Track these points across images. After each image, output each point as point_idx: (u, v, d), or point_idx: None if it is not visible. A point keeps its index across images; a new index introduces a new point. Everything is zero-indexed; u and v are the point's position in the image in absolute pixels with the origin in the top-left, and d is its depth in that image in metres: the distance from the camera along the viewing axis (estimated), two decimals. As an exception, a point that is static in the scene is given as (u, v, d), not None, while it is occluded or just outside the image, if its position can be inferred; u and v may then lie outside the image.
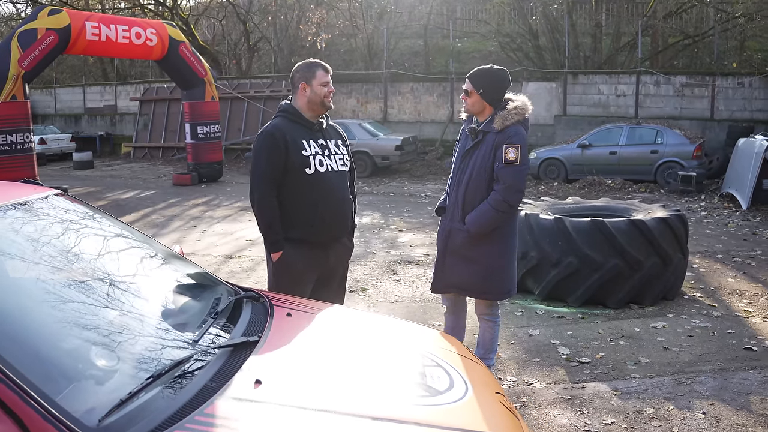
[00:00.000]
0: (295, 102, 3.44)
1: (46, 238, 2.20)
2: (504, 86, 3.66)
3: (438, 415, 1.91)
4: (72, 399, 1.60)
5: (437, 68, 20.86)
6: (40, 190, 2.57)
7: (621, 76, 16.31)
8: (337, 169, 3.42)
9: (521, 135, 3.57)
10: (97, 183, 16.06)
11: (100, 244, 2.40)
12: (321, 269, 3.50)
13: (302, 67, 3.44)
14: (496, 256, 3.69)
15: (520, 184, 3.56)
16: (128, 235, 2.64)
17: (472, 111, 3.72)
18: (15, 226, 2.16)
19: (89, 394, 1.66)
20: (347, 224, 3.55)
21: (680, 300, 5.78)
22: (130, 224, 10.37)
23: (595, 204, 6.77)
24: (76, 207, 2.60)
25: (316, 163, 3.33)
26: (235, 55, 25.06)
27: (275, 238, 3.36)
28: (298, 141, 3.32)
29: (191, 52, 15.09)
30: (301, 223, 3.36)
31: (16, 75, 11.09)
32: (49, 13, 11.81)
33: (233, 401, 1.75)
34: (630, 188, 12.85)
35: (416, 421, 1.81)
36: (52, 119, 25.03)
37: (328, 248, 3.48)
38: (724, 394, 3.89)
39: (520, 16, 19.21)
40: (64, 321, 1.87)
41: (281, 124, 3.36)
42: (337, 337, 2.37)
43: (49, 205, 2.44)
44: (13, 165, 11.34)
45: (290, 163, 3.29)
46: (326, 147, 3.42)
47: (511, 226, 3.74)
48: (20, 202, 2.31)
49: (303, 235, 3.37)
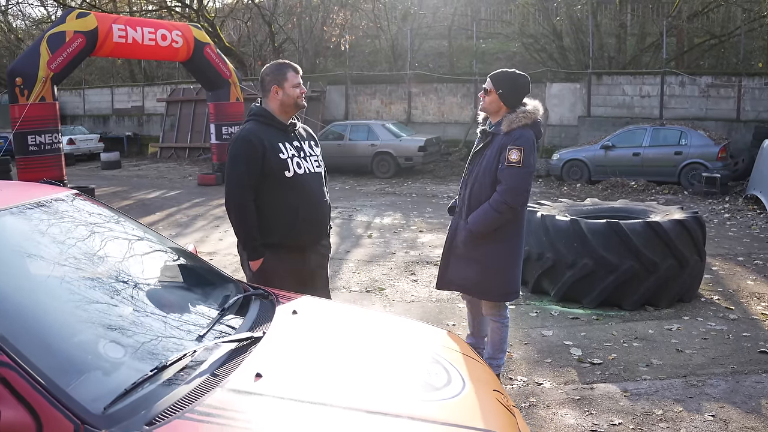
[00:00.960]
0: (267, 105, 3.40)
1: (60, 237, 2.30)
2: (523, 92, 3.71)
3: (433, 410, 1.96)
4: (80, 388, 1.69)
5: (461, 69, 20.85)
6: (57, 190, 2.68)
7: (645, 76, 16.16)
8: (313, 171, 3.41)
9: (526, 138, 3.60)
10: (123, 183, 16.35)
11: (113, 242, 2.49)
12: (301, 274, 3.45)
13: (272, 69, 3.40)
14: (497, 257, 3.73)
15: (520, 186, 3.59)
16: (142, 235, 2.74)
17: (488, 110, 3.77)
18: (31, 225, 2.27)
19: (96, 384, 1.75)
20: (326, 226, 3.55)
21: (697, 302, 5.74)
22: (155, 223, 10.62)
23: (613, 206, 6.75)
24: (92, 207, 2.70)
25: (294, 165, 3.30)
26: (261, 56, 25.28)
27: (255, 245, 3.32)
28: (275, 144, 3.28)
29: (216, 53, 15.30)
30: (281, 227, 3.32)
31: (45, 77, 11.37)
32: (77, 17, 12.08)
33: (233, 393, 1.82)
34: (653, 190, 12.74)
35: (410, 416, 1.87)
36: (80, 120, 25.52)
37: (307, 252, 3.44)
38: (734, 397, 3.88)
39: (543, 17, 19.12)
40: (75, 315, 1.96)
41: (255, 128, 3.31)
42: (338, 334, 2.44)
43: (67, 205, 2.54)
44: (42, 165, 11.62)
45: (268, 167, 3.25)
46: (301, 149, 3.40)
47: (514, 227, 3.77)
48: (37, 202, 2.41)
49: (282, 240, 3.33)
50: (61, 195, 2.59)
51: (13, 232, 2.20)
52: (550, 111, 17.41)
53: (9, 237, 2.18)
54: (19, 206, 2.28)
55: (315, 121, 19.66)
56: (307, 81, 21.51)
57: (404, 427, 1.82)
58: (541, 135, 3.78)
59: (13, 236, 2.18)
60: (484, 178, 3.69)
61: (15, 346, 1.68)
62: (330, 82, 21.39)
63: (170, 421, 1.66)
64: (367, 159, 16.22)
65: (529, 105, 3.69)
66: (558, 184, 14.23)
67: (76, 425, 1.59)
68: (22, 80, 11.27)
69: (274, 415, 1.77)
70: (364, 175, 16.23)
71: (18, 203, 2.30)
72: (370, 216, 10.91)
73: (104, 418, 1.64)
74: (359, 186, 14.99)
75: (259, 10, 23.49)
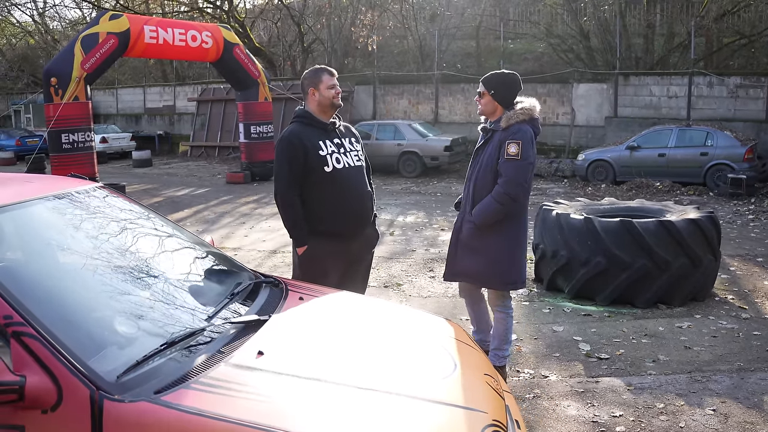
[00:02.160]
0: (307, 107, 3.70)
1: (83, 225, 2.50)
2: (514, 88, 3.85)
3: (421, 388, 2.10)
4: (96, 359, 1.88)
5: (490, 69, 20.84)
6: (83, 183, 2.88)
7: (673, 77, 16.04)
8: (353, 165, 3.67)
9: (524, 132, 3.74)
10: (154, 180, 16.75)
11: (133, 231, 2.69)
12: (345, 260, 3.73)
13: (309, 74, 3.71)
14: (500, 247, 3.86)
15: (520, 178, 3.72)
16: (161, 226, 2.93)
17: (485, 112, 3.92)
18: (56, 214, 2.47)
19: (111, 355, 1.93)
20: (368, 215, 3.78)
21: (710, 301, 5.78)
22: (183, 220, 10.91)
23: (630, 205, 6.80)
24: (115, 200, 2.90)
25: (333, 161, 3.57)
26: (290, 56, 25.62)
27: (299, 234, 3.63)
28: (315, 142, 3.57)
29: (245, 54, 15.60)
30: (324, 217, 3.60)
31: (78, 77, 11.75)
32: (110, 18, 12.46)
33: (235, 367, 1.99)
34: (678, 191, 12.67)
35: (398, 392, 2.02)
36: (113, 119, 26.13)
37: (352, 239, 3.71)
38: (737, 393, 3.94)
39: (571, 18, 19.07)
40: (94, 296, 2.17)
41: (297, 129, 3.62)
42: (340, 319, 2.60)
43: (90, 196, 2.74)
44: (75, 162, 12.01)
45: (309, 164, 3.53)
46: (341, 145, 3.67)
47: (517, 219, 3.89)
48: (64, 193, 2.62)
49: (327, 228, 3.61)
50: (86, 187, 2.79)
51: (40, 220, 2.41)
52: (577, 112, 17.38)
53: (37, 224, 2.38)
54: (47, 196, 2.48)
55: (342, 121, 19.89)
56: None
57: (391, 401, 1.97)
58: (540, 131, 3.91)
59: (40, 224, 2.39)
60: (486, 173, 3.84)
61: (41, 321, 1.88)
62: (358, 82, 21.60)
63: (176, 389, 1.84)
64: (394, 158, 16.36)
65: (525, 102, 3.84)
66: (583, 184, 14.21)
67: (92, 391, 1.78)
68: (57, 80, 11.68)
69: (272, 388, 1.93)
70: (391, 175, 16.38)
71: (46, 194, 2.50)
72: (393, 214, 11.06)
73: (117, 386, 1.82)
74: (385, 185, 15.15)
75: (288, 11, 23.78)
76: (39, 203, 2.44)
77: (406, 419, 1.90)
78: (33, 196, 2.46)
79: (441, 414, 1.99)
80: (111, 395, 1.78)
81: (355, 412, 1.88)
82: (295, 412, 1.82)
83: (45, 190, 2.57)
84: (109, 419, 1.75)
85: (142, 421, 1.74)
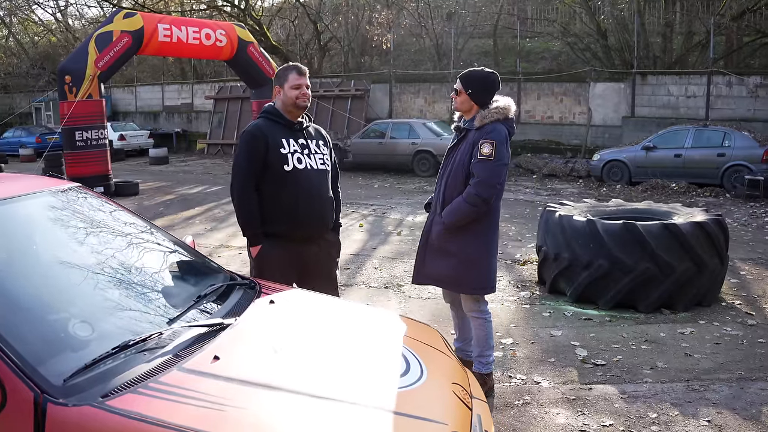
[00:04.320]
0: (276, 103, 3.63)
1: (50, 226, 2.48)
2: (492, 89, 3.75)
3: (381, 397, 2.03)
4: (44, 361, 1.84)
5: (506, 68, 20.74)
6: (60, 183, 2.86)
7: (692, 76, 15.79)
8: (316, 167, 3.56)
9: (498, 132, 3.64)
10: (169, 178, 16.85)
11: (103, 232, 2.66)
12: (299, 266, 3.58)
13: (279, 72, 3.64)
14: (471, 250, 3.75)
15: (493, 179, 3.62)
16: (138, 227, 2.89)
17: (461, 109, 3.85)
18: (20, 214, 2.44)
19: (60, 359, 1.90)
20: (326, 221, 3.66)
21: (716, 307, 5.64)
22: (192, 218, 10.94)
23: (637, 207, 6.68)
24: (91, 200, 2.87)
25: (294, 160, 3.48)
26: (307, 54, 25.66)
27: (253, 232, 3.54)
28: (278, 139, 3.49)
29: (260, 52, 15.64)
30: (278, 218, 3.49)
31: (92, 75, 11.85)
32: (124, 17, 12.56)
33: (187, 373, 1.94)
34: (694, 192, 12.46)
35: (352, 401, 1.96)
36: (132, 116, 26.37)
37: (307, 245, 3.58)
38: (735, 403, 3.82)
39: (588, 16, 18.85)
40: (49, 297, 2.14)
41: (262, 124, 3.55)
42: (308, 324, 2.54)
43: (63, 197, 2.72)
44: (88, 160, 12.12)
45: (269, 160, 3.45)
46: (306, 146, 3.58)
47: (488, 221, 3.78)
48: (32, 194, 2.59)
49: (280, 230, 3.51)
50: (60, 187, 2.77)
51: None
52: (594, 111, 17.17)
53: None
54: (10, 198, 2.45)
55: (358, 120, 19.87)
56: (351, 79, 21.75)
57: (342, 410, 1.91)
58: (515, 131, 3.81)
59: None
60: (458, 173, 3.75)
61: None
62: (374, 81, 21.57)
63: (123, 394, 1.79)
64: (408, 157, 16.31)
65: (500, 101, 3.73)
66: (598, 185, 14.05)
67: (36, 394, 1.74)
68: (71, 78, 11.79)
69: (222, 395, 1.88)
70: (405, 174, 16.32)
71: (11, 195, 2.47)
72: (403, 214, 11.00)
73: (63, 389, 1.78)
74: (398, 184, 15.10)
75: (305, 9, 23.80)
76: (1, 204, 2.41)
77: (352, 429, 1.84)
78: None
79: (395, 425, 1.92)
80: (55, 399, 1.74)
81: (301, 422, 1.83)
82: (239, 419, 1.78)
83: (13, 191, 2.54)
84: (52, 423, 1.71)
85: (85, 426, 1.70)
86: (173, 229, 10.02)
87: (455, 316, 4.21)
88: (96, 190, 3.03)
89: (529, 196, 12.88)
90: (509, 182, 15.32)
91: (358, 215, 11.23)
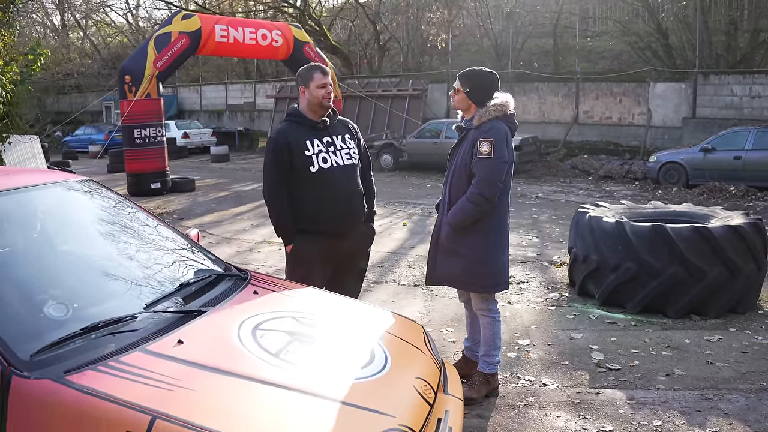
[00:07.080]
0: (299, 105, 3.72)
1: (48, 214, 2.65)
2: (490, 88, 3.74)
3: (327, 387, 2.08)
4: (15, 337, 2.00)
5: (566, 68, 20.37)
6: (69, 176, 3.04)
7: (756, 75, 15.11)
8: (342, 164, 3.66)
9: (497, 129, 3.62)
10: (227, 175, 17.33)
11: (100, 222, 2.82)
12: (334, 259, 3.74)
13: (303, 71, 3.71)
14: (479, 249, 3.75)
15: (493, 177, 3.60)
16: (138, 219, 3.04)
17: (459, 108, 3.86)
18: (25, 207, 2.62)
19: (31, 336, 2.05)
20: (356, 215, 3.77)
21: (752, 314, 5.42)
22: (242, 214, 11.25)
23: (675, 210, 6.48)
24: (97, 192, 3.04)
25: (319, 161, 3.59)
26: (366, 54, 25.89)
27: (285, 232, 3.68)
28: (302, 142, 3.58)
29: (315, 52, 15.89)
30: (311, 216, 3.63)
31: (150, 75, 12.34)
32: (182, 18, 13.01)
33: (148, 354, 2.06)
34: (753, 196, 11.94)
35: (301, 389, 2.02)
36: (197, 115, 27.23)
37: (340, 239, 3.71)
38: (748, 415, 3.68)
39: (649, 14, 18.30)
40: (28, 280, 2.29)
41: (285, 129, 3.66)
42: (283, 315, 2.60)
43: (68, 189, 2.89)
44: (146, 156, 12.63)
45: (294, 163, 3.57)
46: (332, 144, 3.67)
47: (496, 219, 3.77)
48: (42, 184, 2.78)
49: (313, 227, 3.64)
50: (67, 180, 2.94)
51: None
52: (653, 112, 16.68)
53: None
54: (15, 189, 2.63)
55: (415, 120, 19.91)
56: (410, 79, 21.82)
57: (289, 398, 1.98)
58: (516, 128, 3.79)
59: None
60: (461, 173, 3.75)
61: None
62: (432, 81, 21.56)
63: (83, 370, 1.92)
64: (461, 158, 16.21)
65: (499, 98, 3.71)
66: (653, 187, 13.65)
67: (3, 367, 1.89)
68: (131, 78, 12.31)
69: (177, 376, 1.97)
70: (458, 174, 16.24)
71: (12, 186, 2.65)
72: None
73: (29, 363, 1.92)
74: (448, 184, 15.04)
75: (363, 10, 24.01)
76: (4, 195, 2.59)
77: (293, 417, 1.91)
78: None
79: (339, 414, 1.98)
80: (20, 372, 1.89)
81: (246, 406, 1.90)
82: (186, 400, 1.87)
83: (16, 183, 2.72)
84: (15, 394, 1.86)
85: (43, 398, 1.84)
86: (220, 224, 10.35)
87: (468, 315, 4.23)
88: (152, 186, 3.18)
89: (581, 197, 12.63)
90: (563, 183, 15.07)
91: (404, 214, 11.29)
